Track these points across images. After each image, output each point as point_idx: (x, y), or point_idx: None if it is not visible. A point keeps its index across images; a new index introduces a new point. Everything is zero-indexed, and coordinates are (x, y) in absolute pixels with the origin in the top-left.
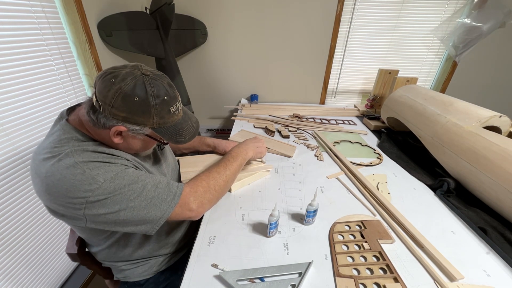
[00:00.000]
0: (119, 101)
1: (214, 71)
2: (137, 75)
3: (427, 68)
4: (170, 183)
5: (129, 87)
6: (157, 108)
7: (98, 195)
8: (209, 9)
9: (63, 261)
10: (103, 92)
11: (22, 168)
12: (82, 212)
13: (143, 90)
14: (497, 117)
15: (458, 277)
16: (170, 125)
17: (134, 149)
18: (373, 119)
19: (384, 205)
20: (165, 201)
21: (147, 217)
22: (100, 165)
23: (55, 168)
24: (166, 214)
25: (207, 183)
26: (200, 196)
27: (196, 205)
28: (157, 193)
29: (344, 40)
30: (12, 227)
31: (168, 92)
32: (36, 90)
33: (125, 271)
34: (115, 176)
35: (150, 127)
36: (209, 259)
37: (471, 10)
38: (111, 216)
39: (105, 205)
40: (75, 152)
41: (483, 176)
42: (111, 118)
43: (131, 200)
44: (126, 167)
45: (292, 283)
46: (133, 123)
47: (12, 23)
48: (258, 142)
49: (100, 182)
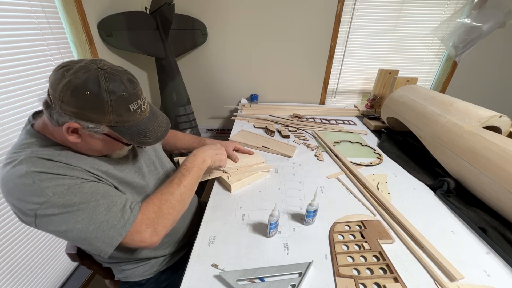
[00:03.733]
0: (68, 95)
1: (214, 71)
2: (92, 69)
3: (427, 68)
4: (125, 207)
5: (79, 80)
6: (113, 104)
7: (45, 209)
8: (209, 9)
9: (63, 261)
10: (53, 85)
11: None
12: (34, 223)
13: (96, 85)
14: (497, 117)
15: (458, 277)
16: (132, 124)
17: (96, 150)
18: (373, 119)
19: (384, 205)
20: (115, 228)
21: (93, 241)
22: (52, 177)
23: (9, 176)
24: (114, 241)
25: (159, 207)
26: (153, 223)
27: (149, 235)
28: (107, 217)
29: (344, 40)
30: (12, 227)
31: (127, 89)
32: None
33: (125, 271)
34: (67, 190)
35: (107, 125)
36: (209, 259)
37: (471, 10)
38: (60, 234)
39: (52, 222)
40: (29, 159)
41: (483, 176)
42: (63, 113)
43: (78, 221)
44: (83, 180)
45: (292, 283)
46: (86, 120)
47: (12, 23)
48: (218, 149)
49: (48, 196)
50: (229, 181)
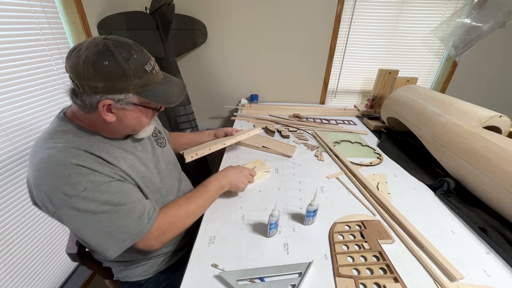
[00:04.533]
0: (90, 71)
1: (214, 71)
2: (99, 41)
3: (427, 68)
4: (143, 215)
5: (94, 54)
6: (131, 67)
7: (73, 202)
8: (209, 9)
9: (63, 261)
10: (74, 69)
11: (22, 168)
12: (53, 212)
13: (110, 53)
14: (497, 117)
15: (458, 277)
16: (153, 87)
17: (129, 126)
18: (373, 119)
19: (384, 205)
20: (129, 234)
21: (106, 243)
22: (86, 172)
23: (46, 163)
24: (124, 246)
25: (173, 222)
26: (163, 234)
27: (155, 243)
28: (126, 223)
29: (344, 40)
30: (12, 227)
31: (137, 51)
32: (36, 90)
33: (125, 271)
34: (96, 188)
35: (135, 93)
36: (209, 259)
37: (471, 10)
38: (75, 230)
39: (74, 218)
40: (67, 150)
41: (483, 176)
42: (92, 93)
43: (100, 221)
44: (111, 179)
45: (292, 283)
46: (115, 92)
47: (12, 23)
48: (241, 176)
49: (79, 190)
50: None
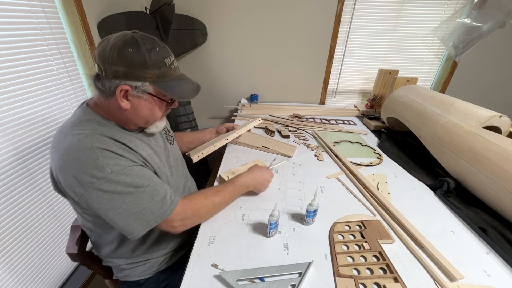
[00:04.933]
0: (115, 55)
1: (214, 71)
2: (128, 33)
3: (427, 68)
4: (166, 197)
5: (121, 42)
6: (152, 57)
7: (101, 184)
8: (209, 9)
9: (63, 261)
10: (101, 54)
11: (22, 168)
12: (80, 195)
13: (135, 43)
14: (497, 117)
15: (458, 277)
16: (170, 80)
17: (142, 116)
18: (373, 119)
19: (384, 205)
20: (154, 214)
21: (131, 223)
22: (112, 156)
23: (73, 147)
24: (149, 226)
25: (198, 209)
26: (186, 219)
27: (179, 225)
28: (150, 204)
29: (344, 40)
30: (12, 227)
31: (160, 46)
32: (36, 90)
33: (125, 270)
34: (122, 170)
35: (151, 83)
36: (209, 259)
37: (471, 10)
38: (101, 211)
39: (101, 199)
40: (93, 135)
41: (483, 176)
42: (113, 78)
43: (125, 203)
44: (134, 163)
45: (292, 283)
46: (134, 78)
47: (12, 23)
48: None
49: (107, 172)
50: None
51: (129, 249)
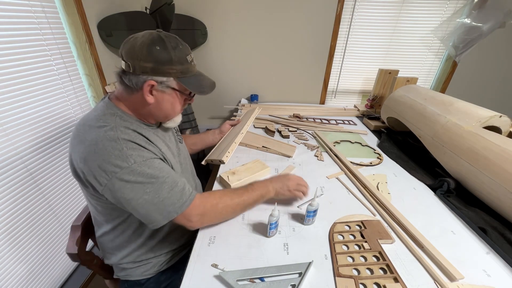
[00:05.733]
0: (144, 52)
1: (214, 71)
2: (153, 32)
3: (427, 68)
4: (184, 189)
5: (149, 40)
6: (176, 54)
7: (124, 174)
8: (209, 9)
9: (63, 261)
10: (130, 51)
11: (22, 168)
12: (104, 185)
13: (161, 41)
14: (497, 117)
15: (458, 277)
16: (191, 76)
17: (164, 110)
18: (373, 119)
19: (384, 205)
20: (174, 205)
21: (152, 212)
22: (136, 147)
23: (100, 138)
24: (170, 216)
25: (217, 203)
26: (204, 213)
27: (196, 220)
28: (170, 195)
29: (344, 40)
30: (12, 227)
31: (182, 43)
32: (36, 90)
33: (126, 270)
34: (144, 162)
35: (175, 78)
36: (209, 259)
37: (471, 10)
38: (124, 201)
39: (124, 189)
40: (119, 128)
41: (483, 176)
42: (141, 73)
43: (147, 192)
44: (154, 156)
45: (292, 283)
46: (160, 74)
47: (12, 23)
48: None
49: (131, 162)
50: (229, 181)
51: (133, 246)
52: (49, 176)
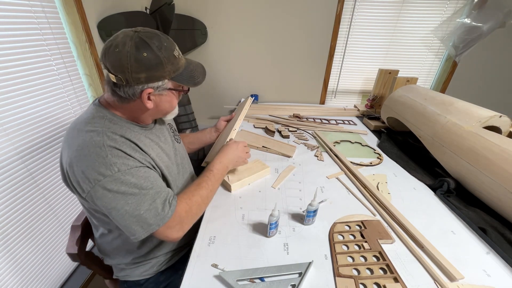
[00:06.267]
0: (133, 63)
1: (214, 71)
2: (132, 35)
3: (427, 68)
4: (166, 202)
5: (133, 48)
6: (164, 55)
7: (106, 182)
8: (209, 9)
9: (63, 261)
10: (117, 64)
11: (22, 168)
12: (87, 192)
13: (145, 44)
14: (497, 117)
15: (458, 277)
16: (182, 71)
17: (163, 110)
18: (373, 119)
19: (384, 205)
20: (155, 218)
21: (132, 225)
22: (121, 155)
23: (85, 144)
24: (151, 229)
25: (190, 208)
26: (182, 222)
27: (176, 230)
28: (151, 207)
29: (344, 40)
30: (12, 227)
31: (164, 39)
32: (36, 90)
33: (125, 270)
34: (128, 170)
35: (169, 79)
36: (209, 259)
37: (471, 10)
38: (106, 210)
39: (105, 198)
40: (106, 133)
41: (483, 176)
42: (135, 85)
43: (128, 204)
44: (141, 165)
45: (292, 283)
46: (155, 80)
47: (12, 23)
48: (240, 151)
49: (114, 171)
50: (229, 181)
51: (131, 248)
52: (49, 176)
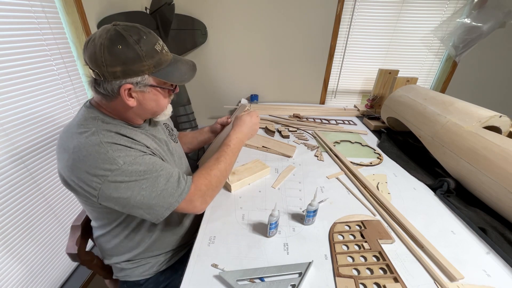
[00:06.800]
0: (107, 56)
1: (214, 71)
2: (110, 28)
3: (427, 68)
4: (180, 178)
5: (107, 40)
6: (142, 48)
7: (115, 176)
8: (209, 9)
9: (63, 261)
10: (92, 58)
11: (22, 168)
12: (98, 189)
13: (121, 37)
14: (497, 117)
15: (458, 277)
16: (166, 66)
17: (149, 109)
18: (373, 119)
19: (384, 205)
20: (173, 196)
21: (154, 206)
22: (121, 148)
23: (82, 145)
24: (172, 206)
25: (209, 181)
26: (204, 194)
27: (200, 203)
28: (167, 186)
29: (344, 40)
30: (12, 227)
31: (145, 33)
32: (36, 90)
33: (125, 270)
34: (133, 160)
35: (150, 74)
36: (209, 259)
37: (471, 10)
38: (122, 200)
39: (119, 189)
40: (100, 131)
41: (483, 176)
42: (112, 79)
43: (143, 188)
44: (143, 153)
45: (292, 283)
46: (133, 75)
47: (12, 23)
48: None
49: (120, 164)
50: (229, 181)
51: (131, 248)
52: (49, 176)
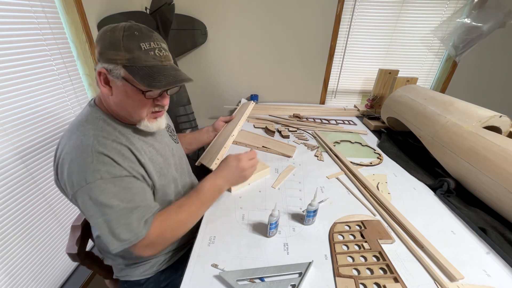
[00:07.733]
0: (98, 38)
1: (214, 71)
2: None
3: (427, 68)
4: (142, 220)
5: (112, 26)
6: (124, 40)
7: (88, 189)
8: (209, 9)
9: (63, 261)
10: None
11: (22, 168)
12: (72, 194)
13: (117, 28)
14: (497, 117)
15: (458, 277)
16: (143, 66)
17: (124, 105)
18: (373, 119)
19: (384, 205)
20: (130, 234)
21: (107, 237)
22: (107, 162)
23: (74, 147)
24: (124, 245)
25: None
26: (153, 244)
27: (147, 252)
28: (128, 221)
29: (344, 40)
30: (12, 227)
31: (142, 31)
32: (36, 90)
33: (125, 270)
34: (111, 178)
35: (122, 65)
36: (209, 259)
37: (471, 10)
38: (85, 215)
39: (86, 204)
40: (96, 137)
41: (483, 176)
42: (97, 62)
43: (105, 215)
44: (127, 174)
45: (292, 283)
46: (107, 61)
47: (12, 23)
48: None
49: (96, 178)
50: None
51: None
52: (49, 176)
